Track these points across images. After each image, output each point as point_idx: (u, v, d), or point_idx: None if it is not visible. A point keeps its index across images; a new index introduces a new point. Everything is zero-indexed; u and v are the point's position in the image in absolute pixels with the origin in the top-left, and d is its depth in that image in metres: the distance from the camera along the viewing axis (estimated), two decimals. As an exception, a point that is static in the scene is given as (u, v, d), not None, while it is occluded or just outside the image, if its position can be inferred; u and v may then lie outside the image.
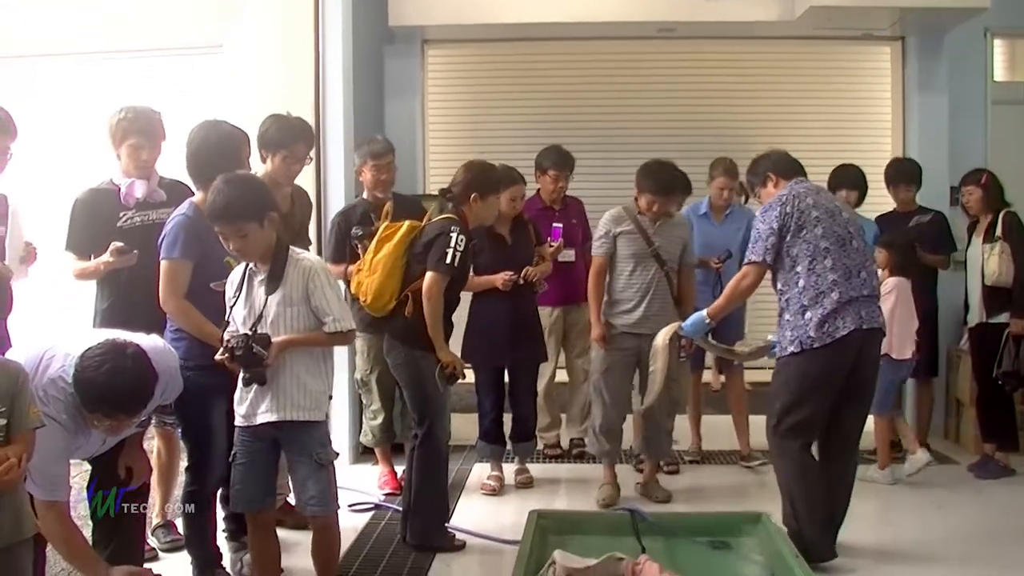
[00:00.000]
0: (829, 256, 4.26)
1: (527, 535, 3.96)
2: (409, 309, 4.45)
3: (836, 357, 4.24)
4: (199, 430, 3.98)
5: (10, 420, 2.78)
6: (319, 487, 3.48)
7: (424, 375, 4.51)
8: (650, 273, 5.23)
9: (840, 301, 4.20)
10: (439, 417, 4.60)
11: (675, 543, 4.14)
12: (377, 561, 4.45)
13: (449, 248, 4.36)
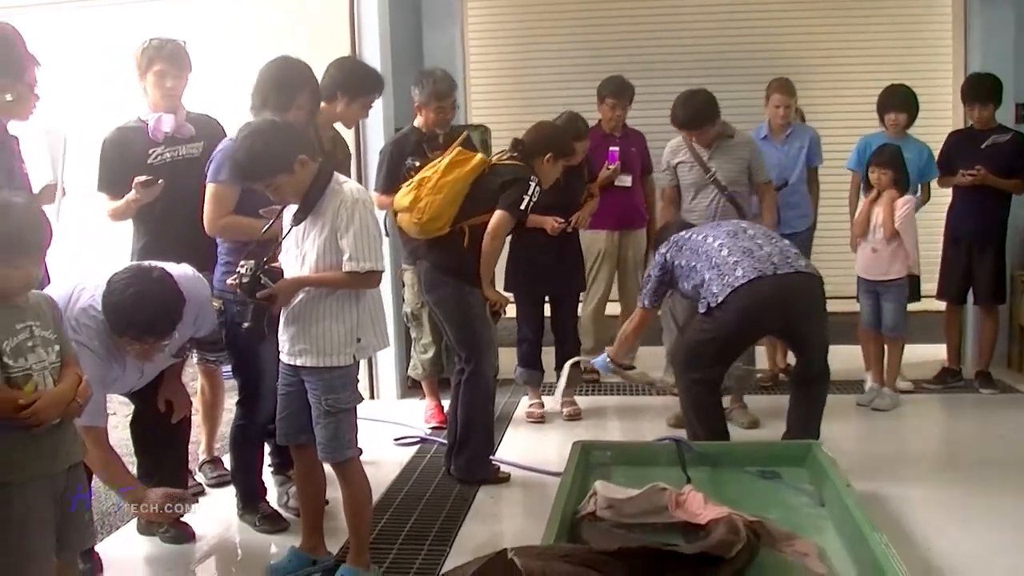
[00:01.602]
0: (724, 247, 4.39)
1: (570, 466, 3.93)
2: (465, 242, 4.37)
3: (742, 303, 4.23)
4: (249, 365, 3.97)
5: (61, 346, 2.82)
6: (326, 434, 3.38)
7: (473, 311, 4.44)
8: (709, 199, 5.21)
9: (746, 274, 4.26)
10: (487, 352, 4.54)
11: (722, 473, 4.09)
12: (421, 494, 4.44)
13: (526, 195, 4.34)
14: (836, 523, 3.55)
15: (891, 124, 5.86)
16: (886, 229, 5.44)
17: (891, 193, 5.46)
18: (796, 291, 4.34)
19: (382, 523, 4.04)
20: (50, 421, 2.70)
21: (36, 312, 2.76)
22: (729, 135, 5.28)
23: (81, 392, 2.77)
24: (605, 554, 2.82)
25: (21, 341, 2.68)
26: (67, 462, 2.82)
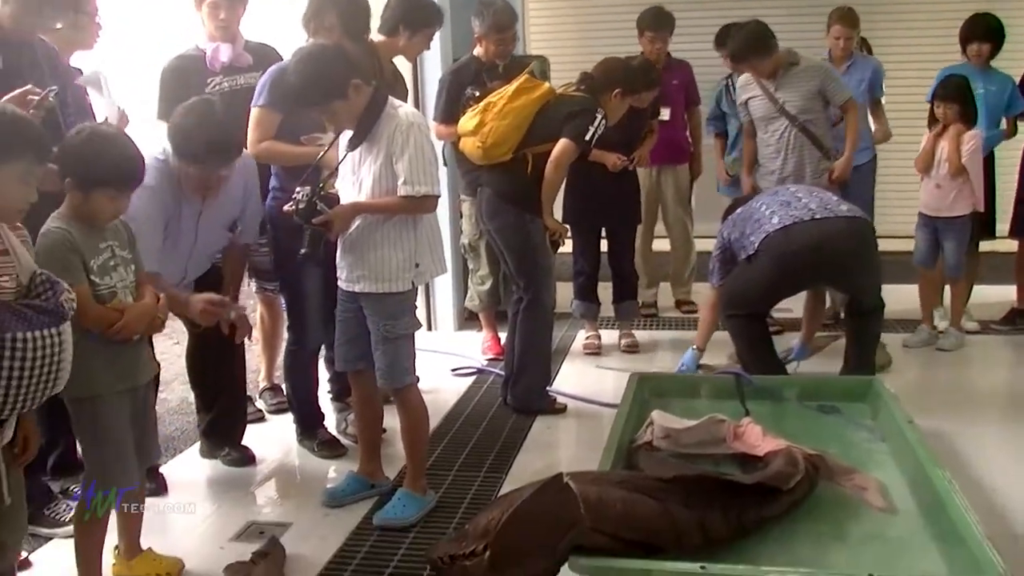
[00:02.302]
0: (765, 206, 4.44)
1: (627, 397, 3.90)
2: (528, 169, 4.33)
3: (778, 249, 4.22)
4: (296, 291, 4.01)
5: (136, 266, 2.93)
6: (385, 360, 3.39)
7: (533, 240, 4.42)
8: (780, 131, 5.11)
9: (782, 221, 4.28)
10: (546, 282, 4.51)
11: (781, 407, 4.04)
12: (478, 423, 4.47)
13: (591, 127, 4.29)
14: (897, 459, 3.49)
15: (974, 55, 5.63)
16: (951, 165, 5.26)
17: (957, 127, 5.27)
18: (836, 234, 4.25)
19: (438, 450, 4.08)
20: (137, 335, 2.84)
21: (115, 233, 2.88)
22: (794, 63, 5.13)
23: (161, 307, 2.90)
24: (661, 481, 2.80)
25: (105, 260, 2.80)
26: (144, 378, 2.98)
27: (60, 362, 2.34)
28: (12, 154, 2.30)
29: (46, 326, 2.30)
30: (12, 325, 2.24)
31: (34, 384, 2.27)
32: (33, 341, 2.25)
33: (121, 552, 3.12)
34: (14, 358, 2.22)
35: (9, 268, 2.39)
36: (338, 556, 3.21)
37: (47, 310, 2.34)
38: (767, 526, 2.93)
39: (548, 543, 2.58)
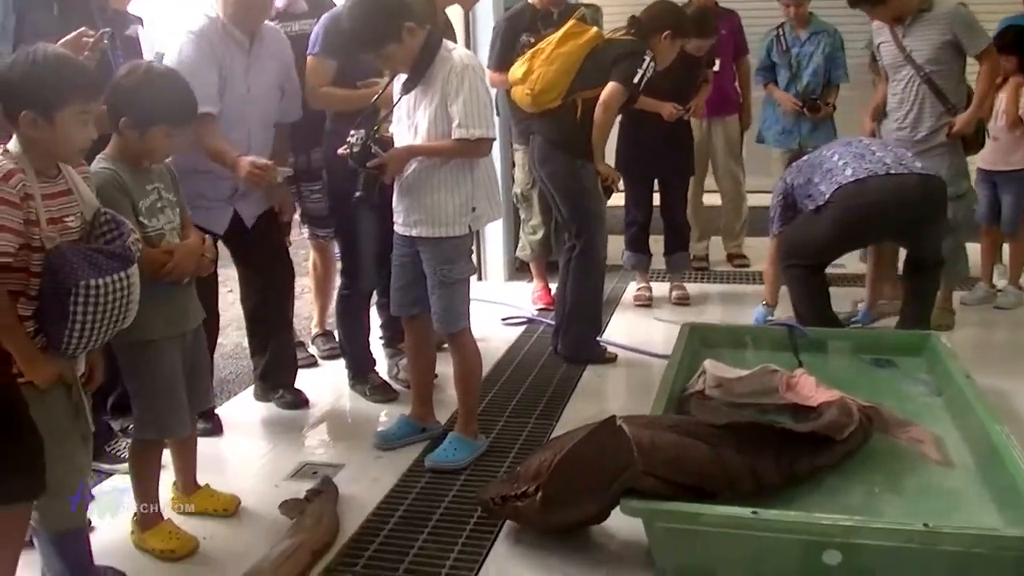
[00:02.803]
0: (837, 155, 4.36)
1: (679, 346, 3.90)
2: (578, 115, 4.29)
3: (850, 201, 4.15)
4: (350, 234, 4.03)
5: (181, 207, 2.95)
6: (441, 304, 3.40)
7: (585, 185, 4.38)
8: (905, 81, 4.82)
9: (856, 173, 4.21)
10: (598, 229, 4.48)
11: (835, 360, 4.03)
12: (528, 371, 4.48)
13: (640, 69, 4.21)
14: (953, 413, 3.46)
15: None
16: (1008, 117, 5.12)
17: (1016, 80, 5.13)
18: (911, 190, 4.17)
19: (489, 397, 4.11)
20: (187, 275, 2.86)
21: (160, 175, 2.88)
22: (925, 8, 4.73)
23: (208, 247, 2.91)
24: (714, 427, 2.80)
25: (152, 202, 2.81)
26: (193, 323, 2.99)
27: (129, 303, 2.43)
28: (67, 97, 2.34)
29: (115, 271, 2.37)
30: (83, 272, 2.31)
31: (104, 324, 2.37)
32: (104, 287, 2.33)
33: (179, 488, 3.19)
34: (87, 303, 2.30)
35: (73, 207, 2.45)
36: (390, 497, 3.25)
37: (115, 254, 2.41)
38: (819, 475, 2.94)
39: (600, 485, 2.60)
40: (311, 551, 2.82)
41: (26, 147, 2.35)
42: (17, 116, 2.32)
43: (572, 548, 2.84)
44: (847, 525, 2.48)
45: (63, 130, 2.34)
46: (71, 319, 2.31)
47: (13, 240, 2.27)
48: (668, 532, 2.60)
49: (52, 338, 2.36)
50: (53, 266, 2.32)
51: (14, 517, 2.34)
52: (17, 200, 2.28)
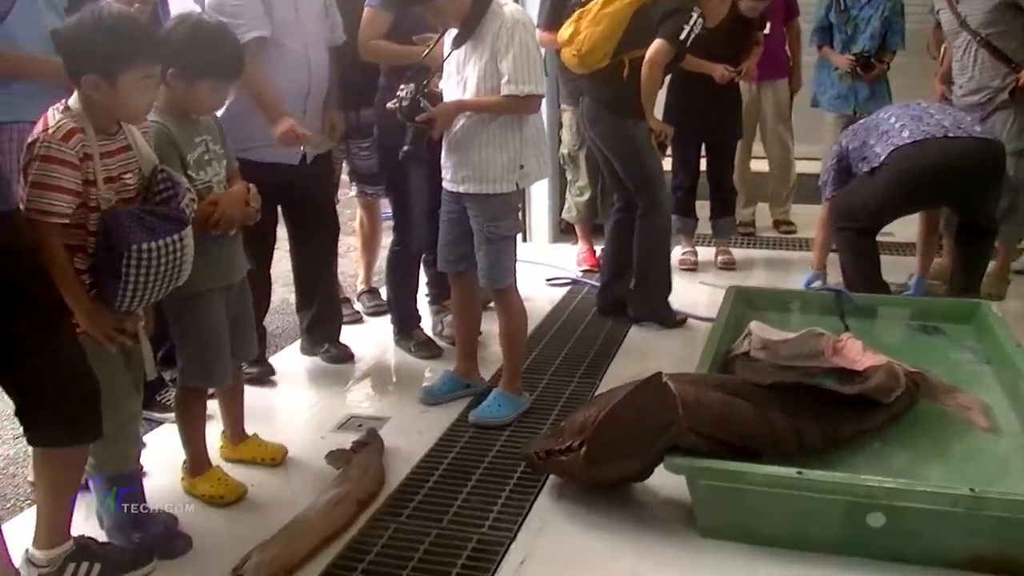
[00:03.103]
0: (894, 117, 4.29)
1: (724, 308, 3.89)
2: (625, 74, 4.25)
3: (905, 163, 4.08)
4: (401, 191, 4.05)
5: (228, 159, 2.97)
6: (487, 261, 3.41)
7: (639, 144, 4.33)
8: (963, 47, 4.73)
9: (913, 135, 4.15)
10: (660, 186, 4.44)
11: (882, 325, 4.00)
12: (572, 330, 4.50)
13: (686, 26, 4.16)
14: (1002, 381, 3.42)
15: None
16: None
17: None
18: (969, 154, 4.10)
19: (534, 355, 4.13)
20: (234, 225, 2.88)
21: (207, 127, 2.90)
22: None
23: (252, 196, 2.91)
24: (759, 386, 2.80)
25: (200, 154, 2.83)
26: (239, 276, 3.03)
27: (182, 263, 2.48)
28: (132, 61, 2.36)
29: (168, 233, 2.41)
30: (137, 236, 2.35)
31: (158, 284, 2.42)
32: (157, 250, 2.37)
33: (227, 437, 3.25)
34: (139, 266, 2.35)
35: (132, 164, 2.49)
36: (434, 450, 3.29)
37: (169, 217, 2.44)
38: (864, 439, 2.93)
39: (644, 441, 2.61)
40: (357, 500, 2.86)
41: (87, 107, 2.37)
42: (80, 77, 2.34)
43: (615, 504, 2.86)
44: (892, 487, 2.47)
45: (125, 93, 2.37)
46: (123, 280, 2.35)
47: (71, 201, 2.32)
48: (711, 490, 2.61)
49: (106, 296, 2.41)
50: (107, 228, 2.37)
51: (71, 460, 2.39)
52: (76, 161, 2.32)
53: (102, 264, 2.40)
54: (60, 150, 2.29)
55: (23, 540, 2.46)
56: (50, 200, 2.29)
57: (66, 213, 2.32)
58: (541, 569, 2.58)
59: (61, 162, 2.29)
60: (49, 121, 2.34)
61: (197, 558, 2.66)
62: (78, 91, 2.37)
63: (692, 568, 2.54)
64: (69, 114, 2.36)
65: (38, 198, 2.29)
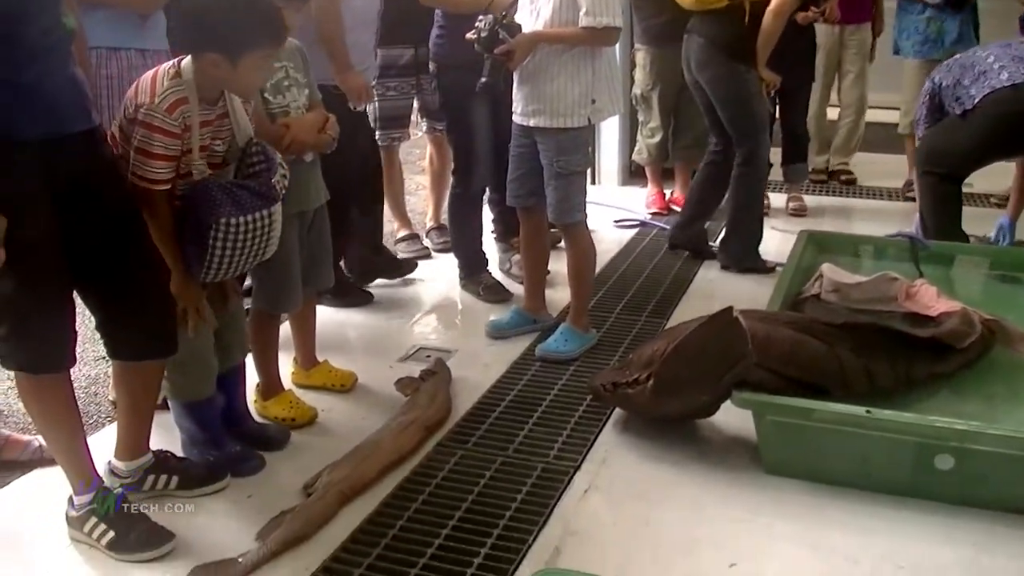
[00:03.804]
0: (992, 56, 4.08)
1: (796, 252, 3.84)
2: (746, 19, 4.14)
3: (1001, 108, 3.89)
4: (461, 132, 4.03)
5: (310, 90, 2.98)
6: (557, 195, 3.40)
7: (750, 91, 4.26)
8: None
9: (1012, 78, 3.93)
10: (763, 134, 4.36)
11: (958, 273, 3.92)
12: (640, 271, 4.49)
13: None
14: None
15: None
16: None
17: None
18: None
19: (601, 293, 4.13)
20: (305, 150, 2.90)
21: (290, 55, 2.91)
22: None
23: (330, 125, 2.93)
24: (830, 326, 2.77)
25: (279, 79, 2.85)
26: (316, 203, 3.06)
27: (269, 238, 2.52)
28: (257, 44, 2.39)
29: (257, 209, 2.45)
30: (225, 210, 2.39)
31: (243, 258, 2.47)
32: (244, 225, 2.41)
33: (299, 363, 3.31)
34: (226, 239, 2.40)
35: (224, 132, 2.53)
36: (500, 382, 3.32)
37: (259, 193, 2.47)
38: (936, 383, 2.89)
39: (712, 375, 2.61)
40: (425, 427, 2.92)
41: (199, 78, 2.40)
42: (201, 53, 2.37)
43: (679, 439, 2.87)
44: (963, 429, 2.45)
45: (243, 73, 2.41)
46: (210, 251, 2.40)
47: (171, 167, 2.38)
48: (778, 426, 2.61)
49: (191, 265, 2.47)
50: (196, 199, 2.41)
51: (148, 375, 2.46)
52: (178, 131, 2.37)
53: (190, 234, 2.44)
54: (163, 120, 2.34)
55: (105, 454, 2.55)
56: (152, 167, 2.36)
57: (167, 179, 2.39)
58: (604, 498, 2.61)
59: (163, 132, 2.34)
60: (157, 85, 2.37)
61: (270, 476, 2.74)
62: (194, 64, 2.39)
63: (755, 504, 2.55)
64: (177, 83, 2.38)
65: (142, 165, 2.36)
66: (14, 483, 2.72)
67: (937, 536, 2.39)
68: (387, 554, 2.34)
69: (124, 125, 2.41)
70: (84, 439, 2.41)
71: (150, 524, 2.39)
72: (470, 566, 2.28)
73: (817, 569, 2.29)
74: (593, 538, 2.43)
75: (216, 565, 2.28)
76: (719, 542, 2.39)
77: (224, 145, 2.54)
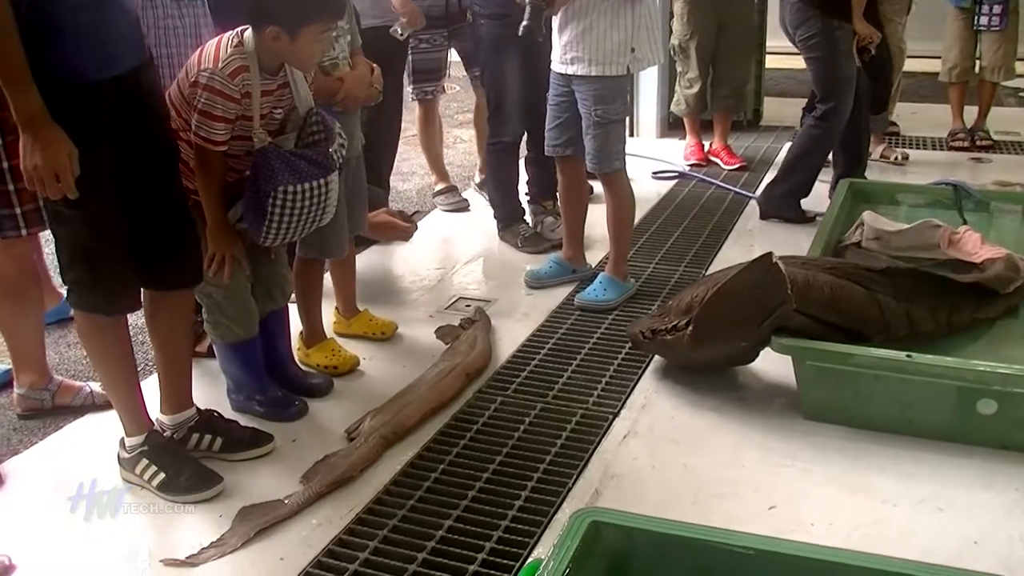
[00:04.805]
0: None
1: (837, 200, 3.81)
2: None
3: None
4: (495, 81, 4.02)
5: (352, 36, 3.00)
6: (595, 144, 3.38)
7: (841, 48, 4.17)
8: None
9: None
10: (846, 95, 4.25)
11: (1003, 221, 3.86)
12: (679, 221, 4.48)
13: None
14: None
15: None
16: None
17: None
18: None
19: (640, 243, 4.13)
20: (358, 104, 2.97)
21: None
22: None
23: (376, 77, 2.96)
24: (871, 271, 2.76)
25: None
26: (355, 151, 3.08)
27: (326, 206, 2.60)
28: (317, 18, 2.45)
29: (315, 177, 2.53)
30: (283, 178, 2.48)
31: (301, 224, 2.56)
32: (302, 192, 2.50)
33: (340, 312, 3.35)
34: (284, 206, 2.49)
35: (285, 101, 2.59)
36: (539, 331, 3.34)
37: (317, 162, 2.55)
38: (979, 328, 2.88)
39: (752, 321, 2.61)
40: (465, 373, 2.95)
41: (260, 49, 2.47)
42: (262, 27, 2.42)
43: (718, 386, 2.89)
44: (1007, 373, 2.43)
45: (302, 46, 2.47)
46: (268, 217, 2.49)
47: (229, 129, 2.46)
48: (818, 371, 2.61)
49: (251, 230, 2.56)
50: (256, 166, 2.50)
51: (179, 308, 2.51)
52: (238, 96, 2.46)
53: (249, 201, 2.53)
54: (225, 84, 2.42)
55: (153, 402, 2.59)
56: (212, 128, 2.44)
57: (225, 141, 2.47)
58: (643, 443, 2.63)
59: (225, 96, 2.43)
60: (221, 53, 2.45)
61: (313, 422, 2.79)
62: (255, 36, 2.46)
63: (794, 449, 2.56)
64: (240, 51, 2.46)
65: (204, 126, 2.44)
66: (67, 427, 2.80)
67: (978, 480, 2.39)
68: (429, 496, 2.38)
69: (184, 89, 2.48)
70: (138, 382, 2.49)
71: (199, 467, 2.46)
72: (512, 508, 2.31)
73: (855, 511, 2.29)
74: (632, 481, 2.45)
75: (263, 506, 2.34)
76: (758, 486, 2.40)
77: (282, 113, 2.60)
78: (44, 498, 2.45)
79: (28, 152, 2.03)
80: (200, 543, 2.22)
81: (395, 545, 2.19)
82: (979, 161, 5.37)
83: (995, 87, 5.73)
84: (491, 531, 2.23)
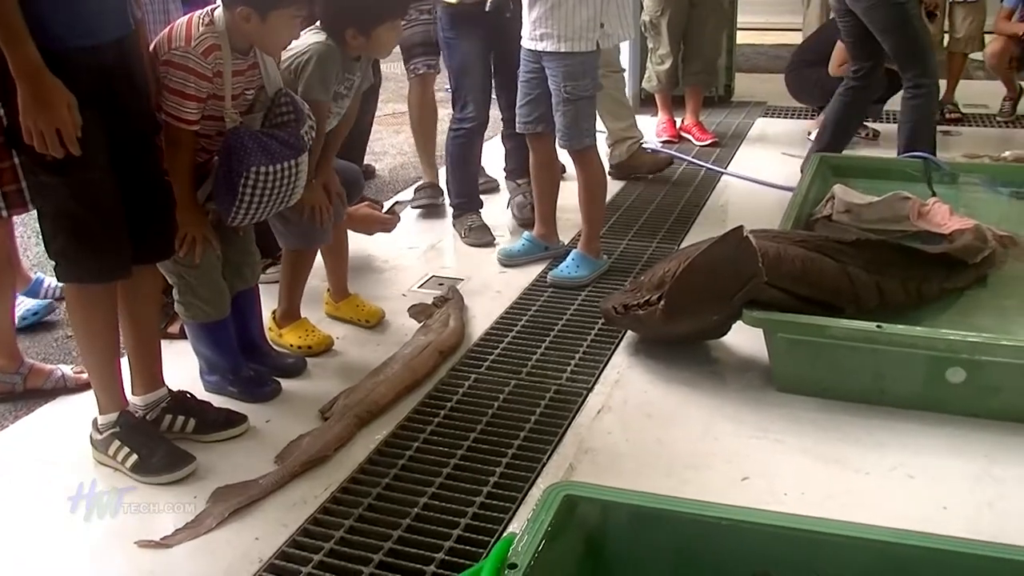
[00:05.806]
0: None
1: (808, 173, 3.82)
2: None
3: None
4: (454, 64, 3.97)
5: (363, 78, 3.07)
6: (565, 120, 3.38)
7: (909, 13, 4.10)
8: None
9: None
10: (930, 57, 4.18)
11: (971, 192, 3.90)
12: (651, 198, 4.49)
13: None
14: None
15: None
16: None
17: None
18: None
19: (613, 220, 4.14)
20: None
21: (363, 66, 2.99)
22: None
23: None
24: (842, 243, 2.77)
25: (341, 90, 2.92)
26: None
27: (295, 187, 2.61)
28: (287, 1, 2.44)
29: (286, 158, 2.54)
30: (256, 159, 2.48)
31: (269, 204, 2.57)
32: (274, 173, 2.51)
33: (331, 295, 3.33)
34: (255, 186, 2.49)
35: (255, 81, 2.59)
36: (512, 308, 3.34)
37: (288, 143, 2.56)
38: (949, 298, 2.90)
39: (723, 295, 2.62)
40: (439, 351, 2.95)
41: (231, 29, 2.47)
42: (234, 7, 2.42)
43: (691, 361, 2.90)
44: (975, 341, 2.46)
45: (272, 28, 2.48)
46: (239, 198, 2.50)
47: (200, 108, 2.45)
48: (790, 344, 2.62)
49: (220, 209, 2.56)
50: (228, 146, 2.50)
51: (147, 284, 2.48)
52: (210, 75, 2.45)
53: (220, 181, 2.53)
54: (198, 62, 2.42)
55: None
56: (184, 107, 2.44)
57: (195, 120, 2.47)
58: (617, 418, 2.64)
59: (198, 74, 2.42)
60: (193, 31, 2.44)
61: (287, 402, 2.78)
62: (227, 15, 2.45)
63: (766, 421, 2.57)
64: (211, 30, 2.45)
65: (176, 104, 2.43)
66: (39, 410, 2.77)
67: (948, 448, 2.42)
68: (404, 474, 2.38)
69: (155, 67, 2.45)
70: (119, 359, 2.46)
71: (172, 447, 2.44)
72: (486, 484, 2.31)
73: (828, 481, 2.31)
74: (607, 456, 2.46)
75: (238, 486, 2.32)
76: (731, 458, 2.42)
77: (253, 94, 2.60)
78: (15, 482, 2.43)
79: (28, 107, 2.03)
80: (174, 524, 2.21)
81: (371, 523, 2.19)
82: (948, 134, 5.39)
83: (965, 59, 5.77)
84: (466, 507, 2.23)
